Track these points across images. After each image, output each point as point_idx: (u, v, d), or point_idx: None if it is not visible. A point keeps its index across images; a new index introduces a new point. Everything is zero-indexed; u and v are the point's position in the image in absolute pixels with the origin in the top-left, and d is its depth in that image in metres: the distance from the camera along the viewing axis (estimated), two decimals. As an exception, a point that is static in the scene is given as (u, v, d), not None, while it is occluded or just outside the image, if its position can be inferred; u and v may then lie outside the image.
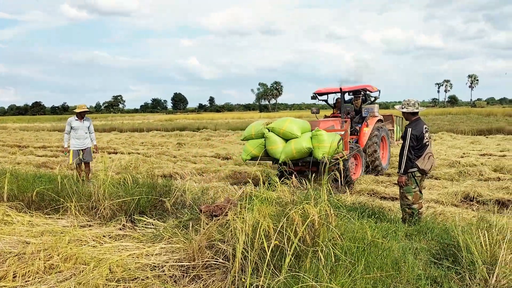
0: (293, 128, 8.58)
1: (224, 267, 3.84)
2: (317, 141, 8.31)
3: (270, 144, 8.64)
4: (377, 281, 3.29)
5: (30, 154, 17.29)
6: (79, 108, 9.23)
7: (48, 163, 13.83)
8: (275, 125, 8.78)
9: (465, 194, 7.83)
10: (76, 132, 9.16)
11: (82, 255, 4.19)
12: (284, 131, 8.56)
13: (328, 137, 8.34)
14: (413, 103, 5.63)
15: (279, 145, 8.56)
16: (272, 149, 8.63)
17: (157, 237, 4.93)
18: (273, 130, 8.72)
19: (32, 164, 13.61)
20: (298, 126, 8.71)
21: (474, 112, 45.79)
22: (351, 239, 3.69)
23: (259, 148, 8.83)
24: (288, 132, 8.54)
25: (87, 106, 9.38)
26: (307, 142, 8.34)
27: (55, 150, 18.39)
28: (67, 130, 9.22)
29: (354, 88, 10.81)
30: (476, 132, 21.89)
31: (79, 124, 9.18)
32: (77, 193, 6.39)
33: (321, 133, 8.36)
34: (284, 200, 4.39)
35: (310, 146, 8.27)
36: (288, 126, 8.62)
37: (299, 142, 8.35)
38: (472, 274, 3.68)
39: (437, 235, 4.69)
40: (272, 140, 8.63)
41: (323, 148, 8.19)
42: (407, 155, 5.43)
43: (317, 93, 11.15)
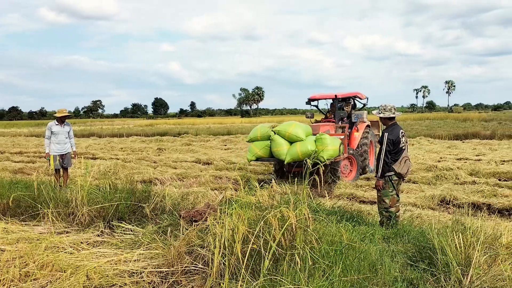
0: (299, 132, 9.15)
1: (203, 273, 3.83)
2: (321, 144, 8.89)
3: (276, 146, 9.18)
4: (354, 284, 3.33)
5: (6, 160, 16.92)
6: (59, 113, 9.09)
7: (25, 169, 13.56)
8: (281, 128, 9.32)
9: (441, 198, 7.99)
10: (57, 137, 9.02)
11: (59, 262, 4.13)
12: (290, 134, 9.12)
13: (331, 141, 9.01)
14: (389, 108, 5.73)
15: (284, 147, 9.11)
16: (278, 150, 9.15)
17: (135, 243, 4.89)
18: (279, 133, 9.25)
19: (8, 170, 13.32)
20: (303, 130, 9.27)
21: (451, 117, 46.75)
22: (329, 242, 3.72)
23: (265, 149, 9.41)
24: (294, 135, 9.10)
25: (68, 111, 9.24)
26: (312, 145, 8.91)
27: (32, 156, 18.05)
28: (47, 135, 9.06)
29: (348, 95, 11.48)
30: (453, 137, 22.33)
31: (59, 129, 9.04)
32: (55, 199, 6.29)
33: (325, 137, 8.99)
34: (264, 204, 4.41)
35: (314, 148, 8.84)
36: (294, 129, 9.18)
37: (305, 145, 8.92)
38: (447, 276, 3.76)
39: (414, 238, 4.77)
40: (278, 142, 9.17)
41: (327, 151, 8.79)
42: (384, 159, 5.52)
43: (311, 99, 11.66)
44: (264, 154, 9.46)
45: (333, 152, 8.94)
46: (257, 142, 9.60)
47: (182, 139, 26.06)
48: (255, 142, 9.64)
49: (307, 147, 8.86)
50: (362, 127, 11.29)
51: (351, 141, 10.81)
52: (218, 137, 27.41)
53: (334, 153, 8.96)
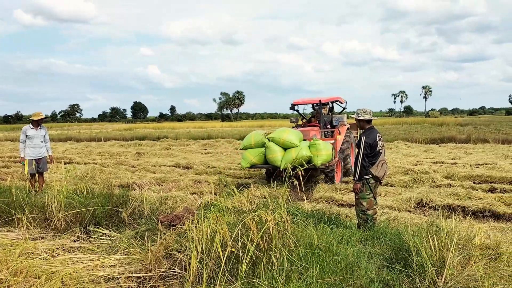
0: (293, 138, 9.30)
1: (181, 277, 3.81)
2: (315, 149, 9.11)
3: (271, 153, 9.28)
4: (331, 285, 3.36)
5: (-21, 165, 16.49)
6: (35, 116, 8.90)
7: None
8: (275, 135, 9.44)
9: (418, 200, 8.12)
10: (32, 141, 8.83)
11: (33, 269, 4.04)
12: (284, 140, 9.24)
13: (324, 146, 9.23)
14: (368, 111, 5.82)
15: (278, 154, 9.22)
16: (273, 157, 9.26)
17: (112, 248, 4.83)
18: (274, 140, 9.38)
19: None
20: (296, 136, 9.43)
21: (428, 122, 47.61)
22: (307, 245, 3.75)
23: (259, 156, 9.49)
24: (288, 141, 9.23)
25: (45, 114, 9.06)
26: (307, 151, 9.11)
27: (6, 161, 17.64)
28: (22, 139, 8.87)
29: (330, 100, 11.80)
30: (429, 141, 22.74)
31: (34, 133, 8.86)
32: (30, 204, 6.16)
33: (319, 142, 9.22)
34: (242, 208, 4.42)
35: (310, 154, 9.07)
36: (288, 136, 9.31)
37: (300, 150, 9.05)
38: (422, 277, 3.82)
39: (390, 240, 4.84)
40: (273, 149, 9.27)
41: (322, 156, 9.06)
42: (361, 163, 5.60)
43: (295, 104, 11.89)
44: (259, 161, 9.56)
45: (327, 156, 9.15)
46: (251, 149, 9.69)
47: (161, 143, 25.85)
48: (249, 150, 9.73)
49: (302, 153, 9.00)
50: (344, 130, 11.61)
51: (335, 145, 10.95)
52: (198, 141, 27.27)
53: (327, 157, 9.17)
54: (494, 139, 21.43)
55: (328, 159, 9.22)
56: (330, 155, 9.25)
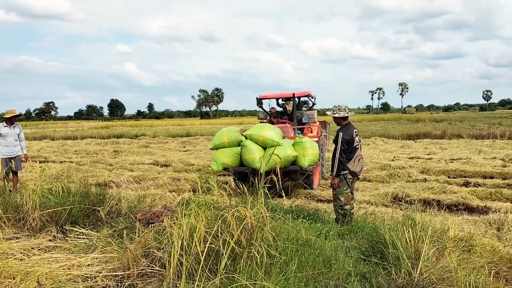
0: (274, 135, 7.91)
1: (160, 275, 3.80)
2: (301, 148, 7.89)
3: (248, 153, 7.83)
4: (309, 279, 3.40)
5: (-50, 164, 16.01)
6: (8, 113, 8.74)
7: (-29, 174, 12.88)
8: (253, 132, 8.02)
9: (394, 195, 8.26)
10: (5, 140, 8.66)
11: (8, 269, 3.97)
12: (264, 138, 7.84)
13: (311, 144, 8.08)
14: (343, 108, 5.88)
15: (257, 154, 7.77)
16: (250, 158, 7.80)
17: (89, 247, 4.78)
18: (251, 138, 7.97)
19: (-47, 175, 12.61)
20: (277, 133, 8.07)
21: (404, 118, 48.44)
22: (286, 239, 3.78)
23: (234, 157, 8.03)
24: (269, 139, 7.82)
25: (17, 111, 8.87)
26: (292, 150, 7.86)
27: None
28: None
29: (302, 94, 10.76)
30: (406, 136, 23.15)
31: (8, 131, 8.69)
32: (3, 204, 6.04)
33: (305, 140, 7.99)
34: (222, 204, 4.42)
35: (296, 154, 7.86)
36: (268, 133, 7.92)
37: (284, 150, 7.72)
38: (397, 269, 3.90)
39: (367, 234, 4.92)
40: (250, 148, 7.84)
41: (309, 156, 7.86)
42: (339, 159, 5.66)
43: (263, 98, 10.66)
44: (233, 163, 8.07)
45: (314, 156, 8.04)
46: (224, 149, 8.17)
47: (139, 141, 25.58)
48: (221, 149, 8.19)
49: (287, 152, 7.71)
50: (316, 128, 10.50)
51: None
52: (177, 138, 27.11)
53: (314, 158, 8.07)
54: (468, 135, 21.97)
55: (315, 160, 8.13)
56: (317, 155, 8.21)
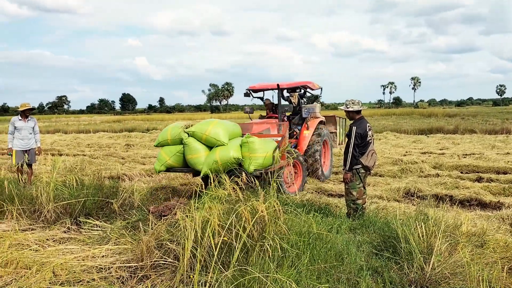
0: (219, 133, 6.86)
1: (173, 266, 3.84)
2: (248, 150, 6.68)
3: (191, 153, 6.89)
4: (321, 272, 3.42)
5: (-34, 157, 16.30)
6: (22, 107, 8.87)
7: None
8: (196, 129, 7.00)
9: (406, 190, 8.22)
10: (20, 133, 8.79)
11: (24, 260, 4.05)
12: (207, 136, 6.84)
13: (262, 145, 6.76)
14: (357, 102, 5.86)
15: (201, 154, 6.86)
16: (193, 158, 6.87)
17: (103, 239, 4.85)
18: (194, 135, 6.97)
19: (-31, 167, 12.84)
20: (225, 131, 7.03)
21: (416, 113, 48.00)
22: (298, 233, 3.79)
23: (177, 157, 7.12)
24: (213, 138, 6.82)
25: (31, 105, 8.99)
26: (236, 151, 6.70)
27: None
28: (11, 130, 8.85)
29: (293, 85, 9.56)
30: (418, 131, 22.97)
31: (22, 124, 8.82)
32: (19, 196, 6.14)
33: (252, 140, 6.71)
34: (234, 198, 4.45)
35: (239, 156, 6.67)
36: (213, 130, 6.88)
37: (226, 150, 6.70)
38: (410, 263, 3.90)
39: (379, 228, 4.91)
40: (193, 147, 6.89)
41: (255, 159, 6.62)
42: (352, 153, 5.64)
43: (251, 89, 9.80)
44: (176, 163, 7.14)
45: (265, 160, 6.68)
46: (167, 147, 7.24)
47: (150, 135, 25.74)
48: (165, 147, 7.27)
49: (228, 154, 6.62)
50: (314, 124, 9.56)
51: (300, 142, 9.16)
52: (188, 132, 27.15)
53: (266, 161, 6.71)
54: (481, 130, 21.73)
55: (266, 164, 6.73)
56: (270, 158, 6.76)
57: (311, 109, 9.66)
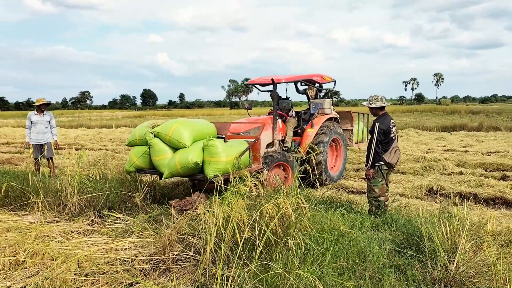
0: (182, 134, 6.37)
1: (194, 260, 3.87)
2: (208, 154, 6.14)
3: (155, 154, 6.51)
4: (344, 269, 3.40)
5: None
6: (37, 101, 9.07)
7: (12, 159, 13.42)
8: (160, 129, 6.58)
9: (429, 188, 8.10)
10: (36, 127, 8.98)
11: (49, 251, 4.13)
12: (170, 137, 6.40)
13: (224, 149, 6.18)
14: (380, 97, 5.78)
15: (167, 156, 6.45)
16: (158, 160, 6.48)
17: (126, 232, 4.92)
18: (159, 136, 6.56)
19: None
20: (191, 132, 6.48)
21: (439, 110, 47.19)
22: (319, 230, 3.78)
23: (144, 158, 6.74)
24: (175, 139, 6.36)
25: (46, 100, 9.16)
26: (196, 155, 6.13)
27: (19, 147, 17.88)
28: (28, 125, 9.06)
29: (293, 79, 8.73)
30: (441, 128, 22.58)
31: (38, 118, 9.01)
32: (44, 189, 6.27)
33: (213, 144, 6.15)
34: (255, 193, 4.45)
35: (198, 160, 6.09)
36: (176, 131, 6.41)
37: (185, 154, 6.19)
38: (433, 262, 3.85)
39: (402, 226, 4.85)
40: (158, 148, 6.49)
41: (216, 164, 6.06)
42: (374, 149, 5.58)
43: (250, 83, 9.22)
44: (144, 164, 6.75)
45: (227, 165, 6.08)
46: (136, 147, 6.88)
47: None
48: (135, 147, 6.92)
49: (187, 157, 6.09)
50: (320, 121, 8.84)
51: (302, 141, 8.55)
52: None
53: (228, 166, 6.07)
54: (506, 127, 21.22)
55: (226, 169, 6.05)
56: (234, 163, 6.17)
57: (319, 104, 9.11)
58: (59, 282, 3.50)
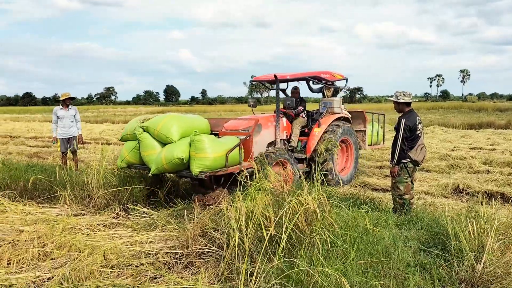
0: (170, 129, 6.14)
1: (217, 255, 3.90)
2: (194, 149, 5.87)
3: (144, 149, 6.32)
4: (368, 267, 3.37)
5: (21, 144, 17.19)
6: (63, 96, 9.26)
7: (40, 153, 13.78)
8: (150, 123, 6.38)
9: (455, 186, 7.94)
10: (62, 121, 9.18)
11: (76, 243, 4.23)
12: (158, 132, 6.19)
13: (211, 144, 5.89)
14: (408, 93, 5.69)
15: (156, 151, 6.23)
16: (147, 155, 6.27)
17: (150, 225, 4.99)
18: (148, 130, 6.35)
19: (24, 154, 13.54)
20: (179, 126, 6.25)
21: (465, 107, 46.18)
22: (343, 227, 3.75)
23: (134, 153, 6.53)
24: (163, 134, 6.14)
25: (71, 94, 9.34)
26: (181, 151, 5.88)
27: (46, 141, 18.31)
28: (54, 119, 9.27)
29: (298, 76, 8.40)
30: (467, 126, 22.08)
31: (64, 113, 9.20)
32: (71, 182, 6.41)
33: (199, 139, 5.87)
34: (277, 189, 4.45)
35: (183, 156, 5.81)
36: (164, 125, 6.19)
37: (171, 149, 5.97)
38: (460, 262, 3.78)
39: (427, 225, 4.78)
40: (147, 143, 6.29)
41: (201, 160, 5.76)
42: (400, 146, 5.50)
43: (254, 80, 8.93)
44: (134, 159, 6.54)
45: (214, 161, 5.80)
46: (128, 142, 6.71)
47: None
48: (127, 142, 6.75)
49: (172, 153, 5.85)
50: (328, 120, 8.40)
51: (309, 141, 8.15)
52: (230, 124, 27.37)
53: (215, 163, 5.81)
54: (536, 125, 20.63)
55: (215, 166, 5.82)
56: (222, 159, 5.88)
57: (329, 103, 8.69)
58: (85, 274, 3.58)
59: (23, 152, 13.97)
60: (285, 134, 8.07)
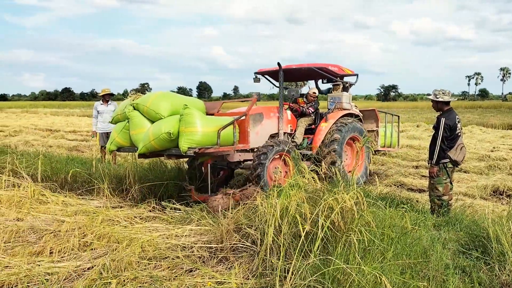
0: (159, 105, 5.81)
1: (251, 250, 3.92)
2: (184, 124, 5.46)
3: (133, 128, 5.98)
4: (406, 268, 3.31)
5: (61, 138, 17.73)
6: (102, 92, 9.52)
7: (79, 147, 14.20)
8: (140, 100, 6.03)
9: (494, 188, 7.69)
10: (102, 116, 9.43)
11: (115, 234, 4.34)
12: (148, 108, 5.84)
13: (202, 119, 5.56)
14: (447, 92, 5.55)
15: (145, 129, 5.88)
16: (136, 134, 5.93)
17: (185, 219, 5.06)
18: (138, 108, 6.00)
19: (64, 147, 13.98)
20: (170, 103, 5.91)
21: (505, 106, 44.65)
22: (379, 226, 3.70)
23: (124, 133, 6.16)
24: (152, 110, 5.80)
25: (111, 90, 9.57)
26: (169, 125, 5.52)
27: (85, 135, 18.83)
28: (94, 114, 9.55)
29: (301, 66, 7.83)
30: (507, 126, 21.33)
31: (104, 108, 9.45)
32: (109, 176, 6.58)
33: (189, 112, 5.50)
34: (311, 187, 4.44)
35: (171, 130, 5.45)
36: (154, 101, 5.86)
37: (158, 124, 5.66)
38: (501, 265, 3.66)
39: (466, 227, 4.66)
40: (137, 122, 5.95)
41: (190, 135, 5.38)
42: (440, 146, 5.37)
43: (259, 72, 8.34)
44: (123, 141, 6.20)
45: (204, 136, 5.44)
46: (119, 123, 6.36)
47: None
48: (118, 124, 6.41)
49: (160, 128, 5.52)
50: (335, 116, 7.82)
51: (315, 136, 7.62)
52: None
53: (206, 138, 5.46)
54: None
55: (206, 142, 5.47)
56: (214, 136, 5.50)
57: (337, 98, 8.13)
58: (124, 264, 3.67)
59: (63, 146, 14.42)
60: (289, 128, 7.50)
